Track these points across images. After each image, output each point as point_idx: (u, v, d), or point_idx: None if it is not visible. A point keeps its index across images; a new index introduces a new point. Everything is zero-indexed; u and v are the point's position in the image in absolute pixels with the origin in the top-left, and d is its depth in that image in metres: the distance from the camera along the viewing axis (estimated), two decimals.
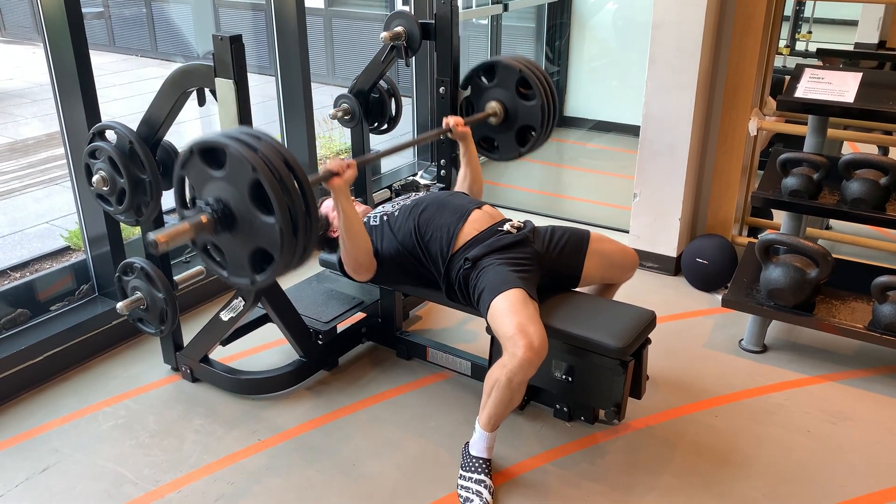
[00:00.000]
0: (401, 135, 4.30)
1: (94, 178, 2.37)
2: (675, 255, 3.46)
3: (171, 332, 2.63)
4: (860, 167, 2.66)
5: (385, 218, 2.41)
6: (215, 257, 1.87)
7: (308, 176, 1.78)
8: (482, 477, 2.14)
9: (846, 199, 2.68)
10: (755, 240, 2.81)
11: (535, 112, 2.72)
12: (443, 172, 3.02)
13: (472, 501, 2.11)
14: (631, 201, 3.50)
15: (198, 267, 2.70)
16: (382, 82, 3.02)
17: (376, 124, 3.13)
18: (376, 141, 3.51)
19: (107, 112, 2.70)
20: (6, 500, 2.15)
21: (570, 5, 5.63)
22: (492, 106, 2.78)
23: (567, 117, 5.84)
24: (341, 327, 2.78)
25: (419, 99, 4.47)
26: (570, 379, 2.28)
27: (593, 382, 2.26)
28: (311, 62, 3.50)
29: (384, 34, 2.81)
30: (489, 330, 2.24)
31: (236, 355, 2.81)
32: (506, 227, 2.33)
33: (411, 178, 4.10)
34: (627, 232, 3.56)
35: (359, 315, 2.86)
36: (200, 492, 2.18)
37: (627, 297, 2.48)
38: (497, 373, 2.04)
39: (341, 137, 4.72)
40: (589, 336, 2.17)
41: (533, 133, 2.80)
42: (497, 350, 2.32)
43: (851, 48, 4.45)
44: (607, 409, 2.28)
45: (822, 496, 2.17)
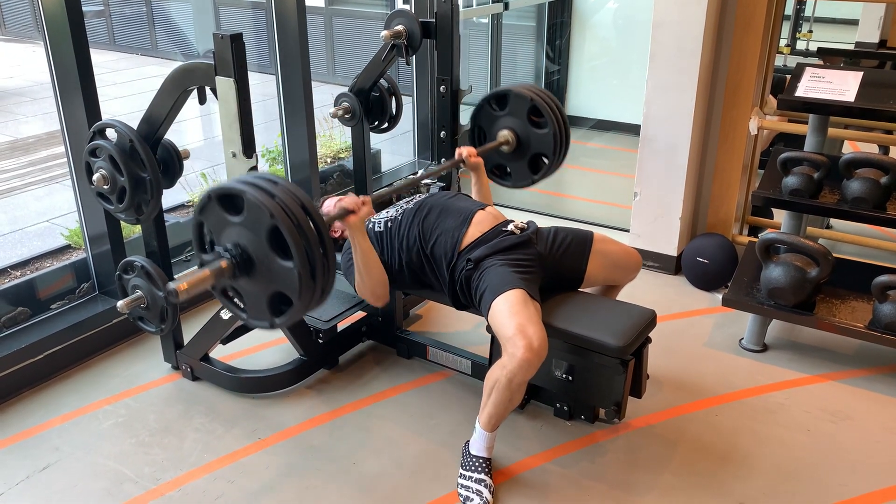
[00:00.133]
0: (401, 133, 4.30)
1: (95, 177, 2.37)
2: (676, 254, 3.46)
3: (172, 331, 2.63)
4: (861, 166, 2.66)
5: (389, 224, 2.41)
6: (235, 301, 1.89)
7: (324, 216, 1.80)
8: (482, 476, 2.14)
9: (847, 199, 2.68)
10: (756, 239, 2.80)
11: (548, 140, 2.73)
12: (442, 172, 3.01)
13: (473, 500, 2.11)
14: (631, 200, 3.50)
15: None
16: (383, 81, 3.01)
17: (377, 123, 3.13)
18: (377, 140, 3.51)
19: (107, 110, 2.70)
20: (7, 499, 2.16)
21: (571, 4, 5.63)
22: (504, 134, 2.80)
23: (568, 116, 5.83)
24: (341, 326, 2.78)
25: (420, 97, 4.47)
26: (571, 378, 2.28)
27: (594, 381, 2.26)
28: (312, 61, 3.50)
29: (385, 33, 2.81)
30: (489, 329, 2.24)
31: (236, 354, 2.81)
32: (509, 228, 2.33)
33: (411, 177, 4.10)
34: (628, 231, 3.56)
35: (359, 314, 2.86)
36: (201, 490, 2.18)
37: (628, 296, 2.48)
38: (497, 373, 2.05)
39: (342, 136, 4.71)
40: (589, 335, 2.17)
41: (545, 160, 2.81)
42: (497, 349, 2.32)
43: (852, 47, 4.45)
44: (607, 408, 2.28)
45: (823, 495, 2.17)
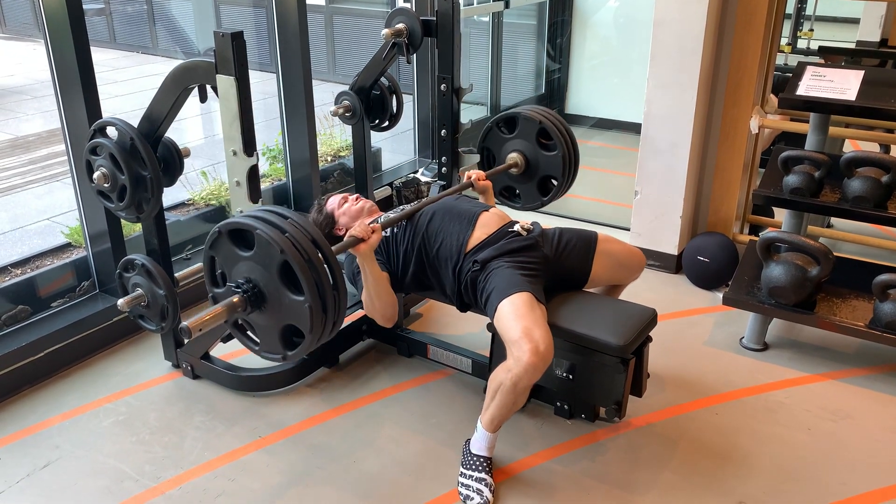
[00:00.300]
0: (402, 132, 4.30)
1: (95, 175, 2.37)
2: (676, 253, 3.46)
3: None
4: (862, 165, 2.65)
5: (394, 229, 2.41)
6: (247, 333, 1.90)
7: (333, 247, 1.81)
8: (483, 475, 2.14)
9: (847, 197, 2.67)
10: (756, 238, 2.80)
11: (557, 162, 2.74)
12: (444, 169, 3.02)
13: (473, 499, 2.11)
14: (632, 199, 3.49)
15: (198, 264, 2.70)
16: (384, 79, 3.01)
17: (377, 121, 3.12)
18: (377, 139, 3.51)
19: (108, 109, 2.70)
20: (7, 497, 2.16)
21: (572, 2, 5.62)
22: (513, 157, 2.80)
23: (568, 115, 5.83)
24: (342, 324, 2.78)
25: (420, 96, 4.47)
26: (571, 376, 2.28)
27: (594, 380, 2.26)
28: (312, 59, 3.50)
29: (385, 31, 2.81)
30: (490, 327, 2.24)
31: (237, 352, 2.81)
32: (515, 229, 2.33)
33: (412, 176, 4.10)
34: (628, 230, 3.56)
35: (360, 312, 2.86)
36: (201, 488, 2.18)
37: (628, 295, 2.49)
38: (502, 376, 2.04)
39: (342, 134, 4.71)
40: (590, 334, 2.17)
41: (554, 182, 2.81)
42: (498, 348, 2.32)
43: (853, 46, 4.45)
44: (608, 407, 2.28)
45: (823, 494, 2.17)
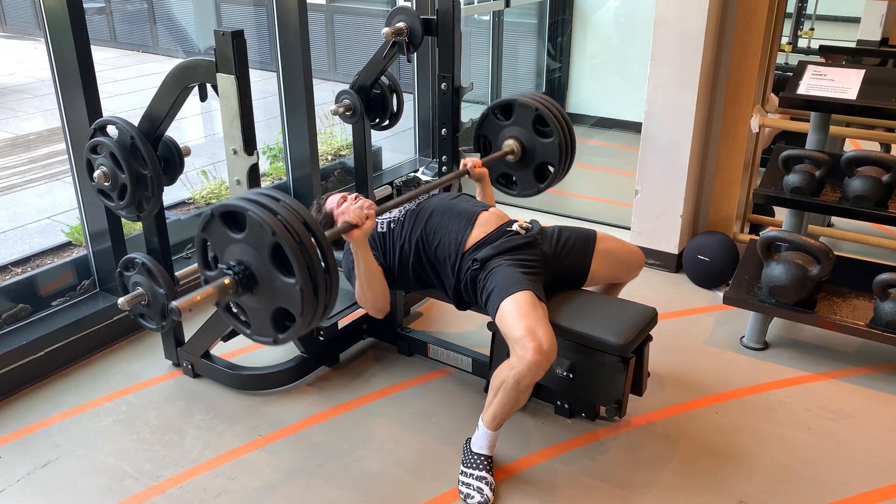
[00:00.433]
0: (402, 131, 4.30)
1: (96, 174, 2.37)
2: (677, 252, 3.46)
3: (173, 328, 2.63)
4: (862, 164, 2.65)
5: (392, 225, 2.41)
6: (239, 316, 1.89)
7: (326, 232, 1.80)
8: (483, 473, 2.14)
9: (848, 197, 2.67)
10: (757, 237, 2.80)
11: (553, 149, 2.72)
12: (444, 168, 3.01)
13: (474, 498, 2.11)
14: (632, 198, 3.49)
15: None
16: (384, 78, 3.01)
17: (378, 120, 3.12)
18: (378, 137, 3.51)
19: (108, 107, 2.70)
20: (7, 495, 2.16)
21: (572, 1, 5.62)
22: (509, 144, 2.79)
23: (569, 114, 5.82)
24: (342, 323, 2.78)
25: (421, 95, 4.47)
26: (572, 375, 2.28)
27: (595, 379, 2.26)
28: (313, 58, 3.50)
29: (386, 30, 2.81)
30: (490, 326, 2.24)
31: (237, 351, 2.81)
32: (514, 228, 2.33)
33: (413, 175, 4.10)
34: (629, 229, 3.56)
35: (360, 311, 2.86)
36: (201, 487, 2.18)
37: (629, 294, 2.48)
38: (505, 373, 2.04)
39: (342, 133, 4.72)
40: (590, 333, 2.17)
41: (551, 169, 2.80)
42: (498, 347, 2.32)
43: (854, 45, 4.44)
44: (608, 406, 2.28)
45: (823, 493, 2.17)
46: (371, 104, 3.05)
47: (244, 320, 1.89)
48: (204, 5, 7.03)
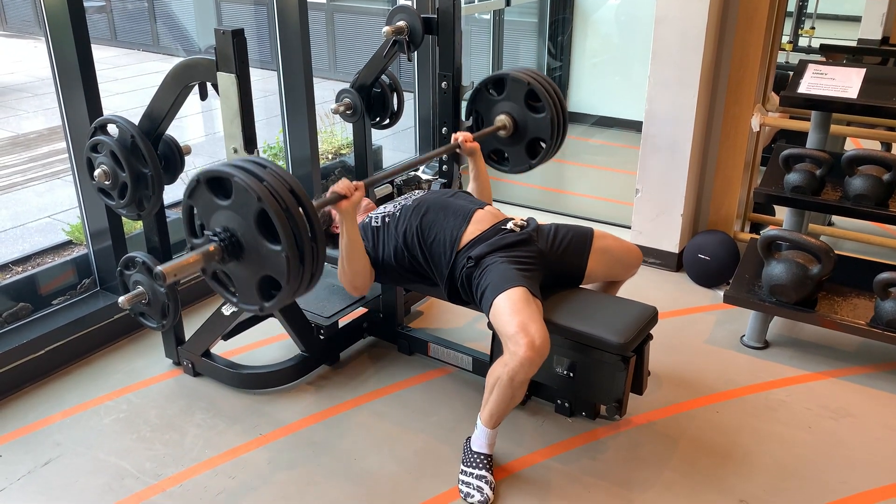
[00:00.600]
0: (403, 130, 4.30)
1: (96, 173, 2.37)
2: (677, 251, 3.46)
3: (173, 327, 2.63)
4: (863, 163, 2.65)
5: (387, 220, 2.41)
6: (225, 284, 1.89)
7: (314, 200, 1.79)
8: (483, 472, 2.14)
9: (849, 196, 2.67)
10: (757, 236, 2.80)
11: (545, 124, 2.72)
12: (444, 167, 3.01)
13: (474, 496, 2.11)
14: (633, 197, 3.49)
15: None
16: (384, 77, 3.01)
17: (378, 119, 3.12)
18: (378, 136, 3.51)
19: (108, 106, 2.69)
20: (8, 494, 2.16)
21: (573, 0, 5.62)
22: (501, 119, 2.78)
23: (569, 113, 5.82)
24: (343, 322, 2.79)
25: (421, 93, 4.46)
26: (572, 374, 2.28)
27: (595, 378, 2.26)
28: (313, 57, 3.49)
29: (386, 29, 2.81)
30: (491, 325, 2.24)
31: (238, 350, 2.81)
32: (509, 226, 2.32)
33: (413, 174, 4.09)
34: (629, 228, 3.56)
35: (360, 310, 2.86)
36: (202, 486, 2.18)
37: (629, 293, 2.48)
38: (499, 371, 2.04)
39: (343, 132, 4.71)
40: (590, 332, 2.17)
41: (543, 145, 2.80)
42: (498, 346, 2.32)
43: (855, 44, 4.44)
44: (609, 405, 2.28)
45: (823, 492, 2.17)
46: (371, 103, 3.05)
47: (231, 289, 1.89)
48: (204, 4, 7.02)
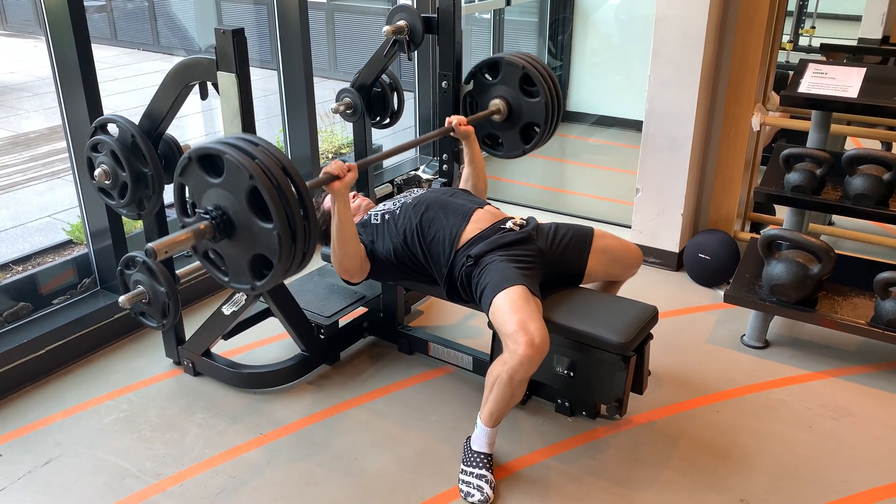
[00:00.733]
0: (403, 129, 4.30)
1: (96, 172, 2.37)
2: (678, 251, 3.46)
3: (173, 326, 2.63)
4: (863, 163, 2.65)
5: (387, 217, 2.41)
6: (216, 263, 1.88)
7: (307, 181, 1.78)
8: (483, 472, 2.14)
9: (849, 195, 2.67)
10: (757, 235, 2.80)
11: (539, 109, 2.71)
12: (445, 167, 3.01)
13: (474, 496, 2.11)
14: (633, 196, 3.49)
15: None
16: (385, 76, 3.01)
17: (378, 118, 3.12)
18: (378, 136, 3.51)
19: (109, 105, 2.70)
20: (9, 493, 2.16)
21: (573, 0, 5.61)
22: (495, 103, 2.78)
23: (570, 112, 5.82)
24: (343, 322, 2.79)
25: (421, 93, 4.47)
26: (572, 374, 2.28)
27: (595, 377, 2.26)
28: (313, 56, 3.50)
29: (386, 28, 2.81)
30: (491, 325, 2.24)
31: (238, 349, 2.81)
32: (508, 225, 2.32)
33: (413, 173, 4.10)
34: (630, 227, 3.55)
35: (360, 309, 2.86)
36: (202, 485, 2.18)
37: (629, 293, 2.48)
38: (498, 369, 2.05)
39: (343, 132, 4.71)
40: (591, 331, 2.17)
41: (537, 130, 2.79)
42: (498, 345, 2.32)
43: (855, 43, 4.44)
44: (609, 404, 2.28)
45: (824, 491, 2.17)
46: (372, 102, 3.05)
47: (222, 268, 1.88)
48: (204, 3, 7.02)
